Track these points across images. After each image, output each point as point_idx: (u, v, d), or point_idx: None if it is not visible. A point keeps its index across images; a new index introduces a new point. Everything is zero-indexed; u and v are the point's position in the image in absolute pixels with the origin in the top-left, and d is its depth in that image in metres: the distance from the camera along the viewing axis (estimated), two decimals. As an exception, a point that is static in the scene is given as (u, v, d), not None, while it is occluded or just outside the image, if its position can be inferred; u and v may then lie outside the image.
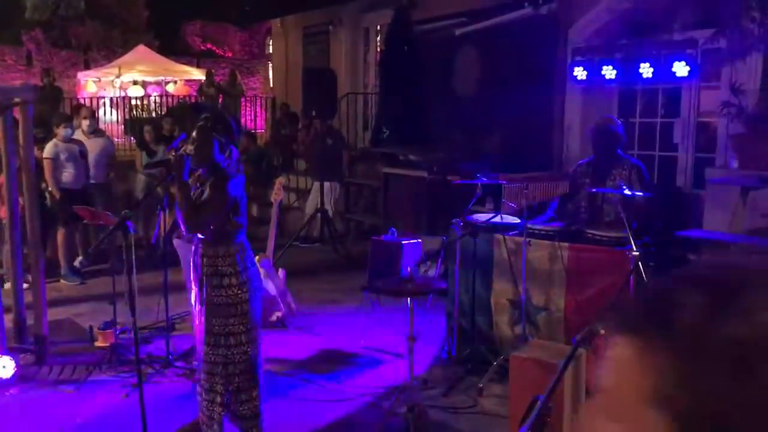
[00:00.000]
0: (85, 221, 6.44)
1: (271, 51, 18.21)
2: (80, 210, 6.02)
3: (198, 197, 3.72)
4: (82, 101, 14.63)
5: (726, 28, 4.70)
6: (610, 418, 0.70)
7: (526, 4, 8.59)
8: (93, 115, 8.45)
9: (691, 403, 0.65)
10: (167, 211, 5.99)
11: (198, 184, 3.80)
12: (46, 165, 7.49)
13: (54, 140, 7.64)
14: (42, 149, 7.68)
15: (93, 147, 8.14)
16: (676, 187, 7.80)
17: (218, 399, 3.78)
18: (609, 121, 5.24)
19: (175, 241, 6.19)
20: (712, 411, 0.65)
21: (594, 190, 5.05)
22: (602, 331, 3.30)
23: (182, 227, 3.68)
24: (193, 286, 3.84)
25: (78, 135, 8.14)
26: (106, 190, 8.41)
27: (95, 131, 8.32)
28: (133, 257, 4.44)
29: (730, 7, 4.55)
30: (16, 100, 5.30)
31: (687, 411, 0.65)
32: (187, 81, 17.63)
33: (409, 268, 4.23)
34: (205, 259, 3.72)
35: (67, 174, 7.63)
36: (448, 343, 5.41)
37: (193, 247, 3.82)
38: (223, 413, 3.81)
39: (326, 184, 9.63)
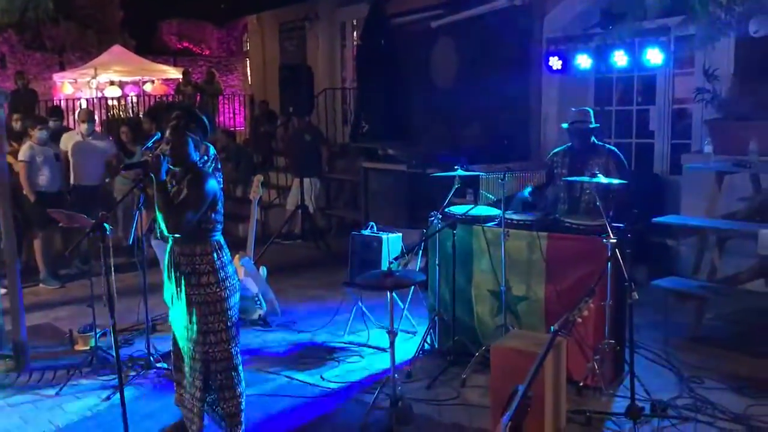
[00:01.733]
0: (61, 225, 6.36)
1: (248, 48, 18.09)
2: (54, 213, 5.95)
3: (175, 196, 3.69)
4: (57, 103, 14.46)
5: (695, 14, 4.73)
6: None
7: (500, -6, 8.62)
8: (91, 118, 8.31)
9: None
10: (144, 212, 5.94)
11: (174, 183, 3.77)
12: (21, 168, 7.40)
13: (29, 143, 7.55)
14: (19, 144, 7.61)
15: (93, 149, 8.04)
16: (654, 173, 7.87)
17: (198, 394, 3.77)
18: (583, 117, 5.26)
19: (153, 241, 6.17)
20: None
21: (570, 179, 5.08)
22: (579, 319, 3.32)
23: (162, 227, 3.65)
24: (169, 284, 3.81)
25: (75, 138, 8.03)
26: (104, 192, 8.35)
27: (93, 133, 8.19)
28: (111, 259, 4.39)
29: (697, -7, 4.58)
30: (-13, 105, 5.22)
31: None
32: (165, 80, 17.47)
33: (389, 263, 4.23)
34: (182, 258, 3.70)
35: (43, 177, 7.55)
36: (430, 335, 5.42)
37: (168, 246, 3.79)
38: (203, 408, 3.81)
39: (306, 181, 9.61)
